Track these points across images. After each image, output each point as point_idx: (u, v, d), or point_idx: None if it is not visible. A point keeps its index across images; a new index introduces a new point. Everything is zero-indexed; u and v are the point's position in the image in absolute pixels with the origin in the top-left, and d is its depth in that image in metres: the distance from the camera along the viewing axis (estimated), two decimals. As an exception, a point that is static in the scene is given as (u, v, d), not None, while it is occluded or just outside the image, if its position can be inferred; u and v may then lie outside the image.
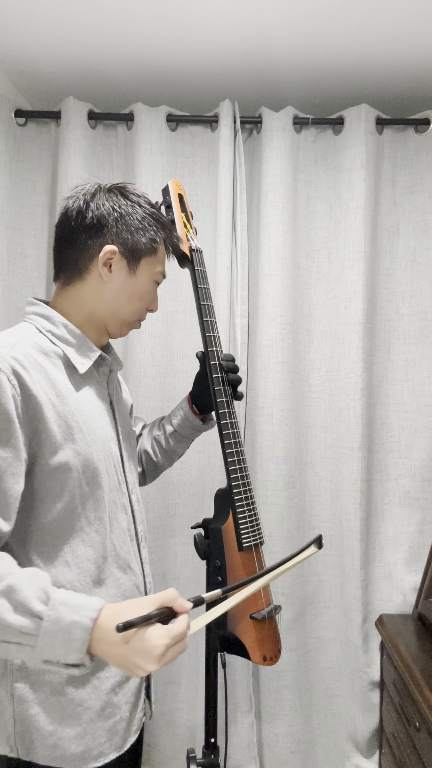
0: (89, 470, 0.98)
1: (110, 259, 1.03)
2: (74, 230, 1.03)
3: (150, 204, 1.08)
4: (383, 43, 1.68)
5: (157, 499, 1.90)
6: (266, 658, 1.13)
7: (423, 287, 1.92)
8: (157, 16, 1.57)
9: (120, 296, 1.06)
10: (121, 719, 1.01)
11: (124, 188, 1.08)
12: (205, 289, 1.21)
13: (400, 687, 1.59)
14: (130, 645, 0.78)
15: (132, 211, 1.05)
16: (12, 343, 0.93)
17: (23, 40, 1.68)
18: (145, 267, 1.07)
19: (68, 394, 0.97)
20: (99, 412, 1.05)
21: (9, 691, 0.94)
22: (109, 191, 1.06)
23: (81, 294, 1.05)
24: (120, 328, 1.11)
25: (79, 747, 0.95)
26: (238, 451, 1.15)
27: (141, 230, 1.05)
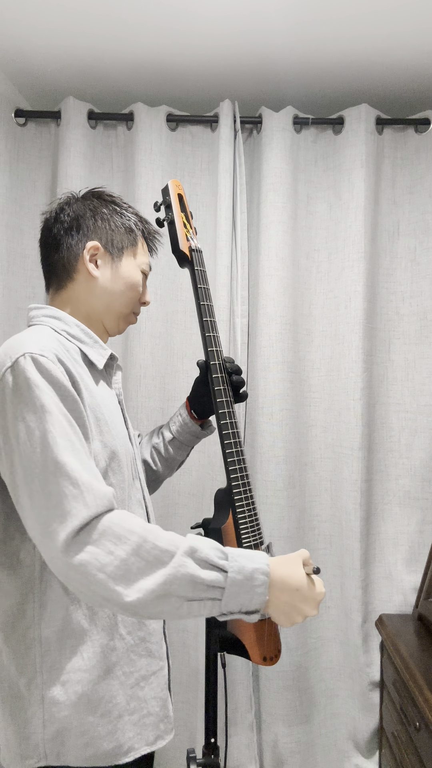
0: (115, 461, 1.00)
1: (95, 255, 1.08)
2: (56, 236, 1.09)
3: (123, 202, 1.15)
4: (383, 43, 1.68)
5: (157, 499, 1.90)
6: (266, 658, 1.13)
7: (423, 287, 1.92)
8: (158, 15, 1.57)
9: (111, 288, 1.10)
10: (149, 713, 1.02)
11: (98, 192, 1.14)
12: (204, 289, 1.21)
13: (400, 687, 1.59)
14: (300, 591, 0.88)
15: (106, 209, 1.11)
16: (46, 335, 0.95)
17: (23, 39, 1.68)
18: (129, 257, 1.12)
19: (93, 387, 1.00)
20: (114, 408, 1.07)
21: (39, 695, 0.93)
22: (83, 197, 1.13)
23: (75, 295, 1.09)
24: (117, 323, 1.14)
25: (110, 744, 0.96)
26: (238, 452, 1.15)
27: (120, 227, 1.11)
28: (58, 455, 0.83)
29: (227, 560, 0.85)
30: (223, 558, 0.85)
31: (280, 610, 0.88)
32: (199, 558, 0.84)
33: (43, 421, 0.85)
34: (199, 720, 1.86)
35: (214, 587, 0.83)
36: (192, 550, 0.84)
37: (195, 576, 0.82)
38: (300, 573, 0.90)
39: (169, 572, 0.82)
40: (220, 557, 0.85)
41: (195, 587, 0.82)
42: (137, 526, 0.85)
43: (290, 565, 0.90)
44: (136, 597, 0.81)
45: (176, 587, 0.82)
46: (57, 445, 0.84)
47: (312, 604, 0.89)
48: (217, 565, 0.84)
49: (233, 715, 1.86)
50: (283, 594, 0.87)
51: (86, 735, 0.94)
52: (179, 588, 0.82)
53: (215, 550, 0.86)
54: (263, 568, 0.86)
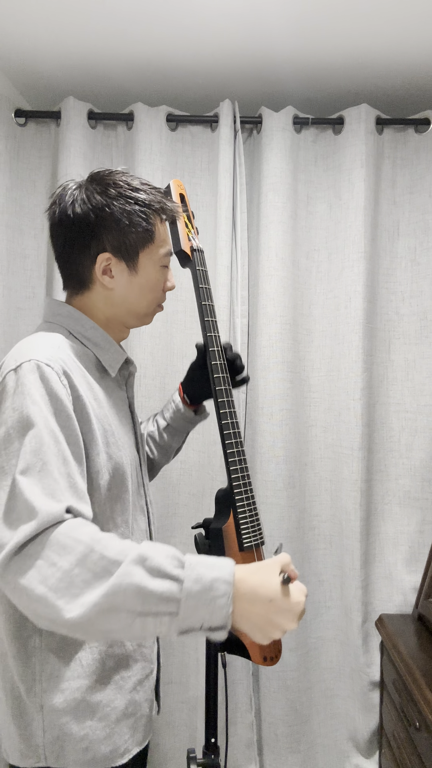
0: (119, 473, 0.99)
1: (107, 266, 1.00)
2: (64, 244, 1.01)
3: (132, 188, 1.00)
4: (383, 43, 1.68)
5: (157, 499, 1.90)
6: (266, 658, 1.13)
7: (423, 287, 1.92)
8: (158, 16, 1.57)
9: (130, 296, 1.04)
10: (142, 715, 1.03)
11: (102, 180, 1.01)
12: (206, 289, 1.21)
13: (400, 687, 1.59)
14: (273, 602, 0.77)
15: (113, 209, 0.98)
16: (55, 345, 0.93)
17: (23, 40, 1.68)
18: (146, 259, 1.03)
19: (102, 397, 0.98)
20: (125, 415, 1.06)
21: (38, 703, 0.93)
22: (86, 190, 1.00)
23: (92, 303, 1.04)
24: (141, 320, 1.10)
25: (108, 747, 0.96)
26: (238, 451, 1.15)
27: (129, 226, 0.99)
28: (19, 473, 0.79)
29: (183, 569, 0.75)
30: (178, 566, 0.75)
31: (253, 625, 0.77)
32: (150, 566, 0.74)
33: (23, 434, 0.82)
34: (199, 720, 1.86)
35: (167, 599, 0.73)
36: (142, 558, 0.75)
37: (142, 587, 0.73)
38: (274, 582, 0.79)
39: (114, 582, 0.73)
40: (175, 565, 0.75)
41: (144, 600, 0.73)
42: (86, 535, 0.77)
43: (263, 573, 0.79)
44: (78, 612, 0.72)
45: (122, 599, 0.72)
46: (24, 460, 0.80)
47: (288, 617, 0.78)
48: (170, 574, 0.74)
49: (233, 715, 1.86)
50: (254, 606, 0.77)
51: (85, 740, 0.94)
52: (126, 600, 0.73)
53: (170, 558, 0.76)
54: (225, 576, 0.75)
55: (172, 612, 0.73)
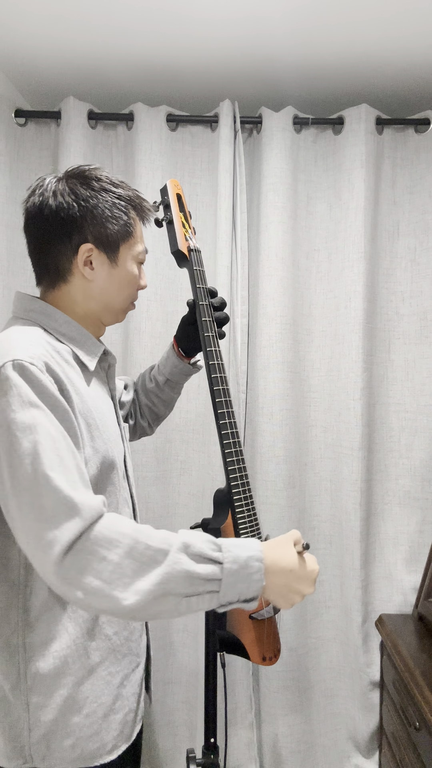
0: (105, 467, 0.99)
1: (89, 256, 1.01)
2: (43, 236, 1.00)
3: (113, 183, 1.03)
4: (383, 43, 1.68)
5: (157, 499, 1.90)
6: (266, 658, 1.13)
7: (423, 287, 1.92)
8: (158, 16, 1.57)
9: (109, 289, 1.05)
10: (130, 710, 1.03)
11: (83, 174, 1.02)
12: (203, 289, 1.21)
13: (400, 687, 1.59)
14: (293, 571, 0.89)
15: (97, 201, 1.00)
16: (34, 341, 0.92)
17: (23, 40, 1.68)
18: (126, 252, 1.05)
19: (84, 391, 0.98)
20: (108, 408, 1.06)
21: (24, 700, 0.93)
22: (68, 182, 1.01)
23: (69, 296, 1.03)
24: (116, 317, 1.11)
25: (95, 743, 0.96)
26: (237, 451, 1.15)
27: (111, 218, 1.01)
28: (48, 469, 0.81)
29: (221, 551, 0.85)
30: (216, 550, 0.85)
31: (277, 593, 0.89)
32: (193, 553, 0.83)
33: (33, 432, 0.82)
34: (199, 720, 1.86)
35: (211, 580, 0.83)
36: (185, 545, 0.83)
37: (191, 572, 0.81)
38: (291, 553, 0.90)
39: (165, 571, 0.81)
40: (213, 549, 0.85)
41: (192, 583, 0.82)
42: (128, 528, 0.84)
43: (281, 548, 0.90)
44: (134, 600, 0.79)
45: (173, 585, 0.81)
46: (47, 458, 0.81)
47: (307, 582, 0.90)
48: (211, 557, 0.84)
49: (233, 715, 1.86)
50: (278, 577, 0.88)
51: (72, 736, 0.94)
52: (176, 585, 0.81)
53: (208, 543, 0.85)
54: (257, 554, 0.86)
55: (214, 590, 0.83)
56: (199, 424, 1.93)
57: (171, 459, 1.93)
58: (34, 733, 0.93)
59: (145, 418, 1.40)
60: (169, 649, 1.92)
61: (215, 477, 1.85)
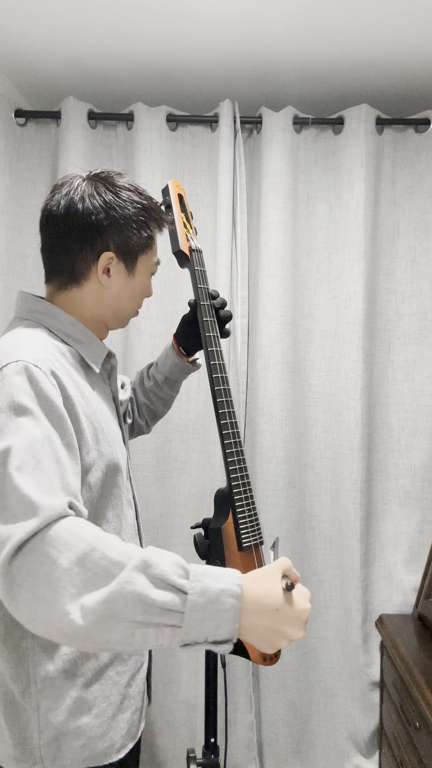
0: (110, 470, 0.99)
1: (108, 264, 1.01)
2: (66, 236, 0.99)
3: (139, 193, 1.03)
4: (383, 43, 1.68)
5: (157, 499, 1.90)
6: (266, 658, 1.13)
7: (423, 287, 1.92)
8: (158, 15, 1.57)
9: (121, 298, 1.05)
10: (136, 709, 1.03)
11: (111, 180, 1.02)
12: (204, 289, 1.21)
13: (400, 687, 1.59)
14: (278, 612, 0.74)
15: (124, 211, 1.00)
16: (40, 344, 0.91)
17: (23, 39, 1.68)
18: (143, 264, 1.06)
19: (89, 394, 0.97)
20: (111, 410, 1.06)
21: (34, 704, 0.93)
22: (96, 187, 1.00)
23: (80, 299, 1.03)
24: (121, 323, 1.12)
25: (105, 743, 0.96)
26: (237, 451, 1.15)
27: (135, 229, 1.01)
28: (14, 469, 0.76)
29: (188, 579, 0.71)
30: (183, 576, 0.71)
31: (258, 636, 0.74)
32: (153, 574, 0.70)
33: (15, 432, 0.79)
34: (199, 720, 1.86)
35: (169, 611, 0.69)
36: (145, 564, 0.71)
37: (144, 596, 0.69)
38: (277, 590, 0.76)
39: (113, 589, 0.69)
40: (180, 575, 0.71)
41: (145, 609, 0.69)
42: (88, 533, 0.73)
43: (267, 583, 0.76)
44: (78, 615, 0.68)
45: (121, 608, 0.68)
46: (18, 458, 0.77)
47: (297, 625, 0.76)
48: (174, 584, 0.70)
49: (233, 715, 1.86)
50: (260, 618, 0.73)
51: (82, 737, 0.94)
52: (126, 609, 0.68)
53: (175, 566, 0.72)
54: (232, 589, 0.72)
55: (174, 624, 0.70)
56: (199, 423, 1.93)
57: (171, 459, 1.93)
58: (45, 735, 0.93)
59: (143, 416, 1.40)
60: (169, 649, 1.92)
61: (215, 477, 1.85)
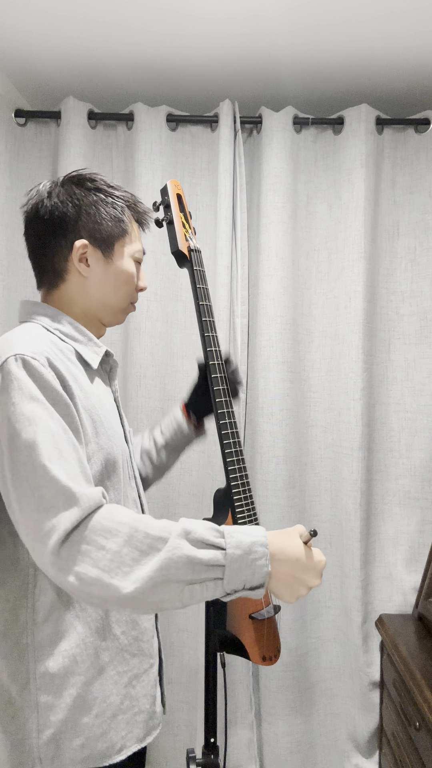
0: (110, 464, 0.99)
1: (84, 253, 1.02)
2: (40, 236, 1.03)
3: (108, 185, 1.06)
4: (383, 43, 1.68)
5: (157, 499, 1.90)
6: (266, 658, 1.13)
7: (423, 287, 1.92)
8: (158, 15, 1.57)
9: (105, 286, 1.06)
10: (140, 711, 1.02)
11: (78, 177, 1.06)
12: (203, 289, 1.21)
13: (400, 687, 1.59)
14: (299, 560, 0.86)
15: (91, 200, 1.03)
16: (36, 338, 0.93)
17: (23, 40, 1.68)
18: (121, 250, 1.06)
19: (88, 388, 0.98)
20: (112, 408, 1.06)
21: (33, 701, 0.93)
22: (63, 185, 1.04)
23: (68, 295, 1.05)
24: (115, 317, 1.11)
25: (104, 743, 0.96)
26: (237, 451, 1.15)
27: (105, 215, 1.03)
28: (46, 461, 0.82)
29: (224, 537, 0.83)
30: (219, 536, 0.83)
31: (283, 583, 0.86)
32: (193, 539, 0.81)
33: (32, 425, 0.83)
34: (199, 720, 1.86)
35: (213, 566, 0.81)
36: (186, 531, 0.82)
37: (192, 557, 0.80)
38: (298, 542, 0.88)
39: (165, 556, 0.80)
40: (215, 535, 0.83)
41: (194, 568, 0.80)
42: (127, 517, 0.83)
43: (286, 537, 0.88)
44: (133, 587, 0.78)
45: (174, 571, 0.79)
46: (45, 450, 0.82)
47: (314, 573, 0.87)
48: (213, 543, 0.82)
49: (233, 715, 1.86)
50: (284, 566, 0.86)
51: (81, 736, 0.94)
52: (177, 571, 0.79)
53: (210, 530, 0.83)
54: (261, 539, 0.84)
55: (218, 577, 0.81)
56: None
57: (171, 459, 1.93)
58: (44, 734, 0.92)
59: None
60: (169, 649, 1.92)
61: (215, 477, 1.85)
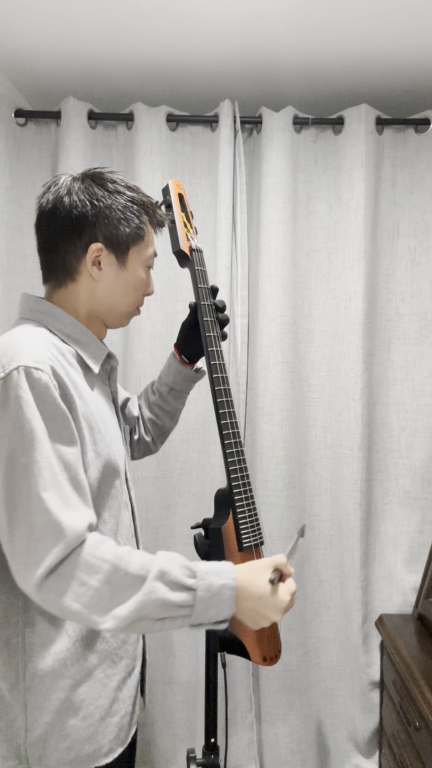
0: (107, 470, 0.99)
1: (98, 256, 1.01)
2: (55, 233, 1.00)
3: (128, 187, 1.04)
4: (383, 43, 1.68)
5: (157, 499, 1.90)
6: (266, 658, 1.13)
7: (423, 287, 1.92)
8: (158, 15, 1.57)
9: (115, 292, 1.05)
10: (126, 713, 1.03)
11: (99, 175, 1.03)
12: (205, 289, 1.20)
13: (400, 687, 1.59)
14: (261, 599, 0.92)
15: (111, 202, 1.00)
16: (40, 343, 0.92)
17: (23, 40, 1.68)
18: (135, 256, 1.05)
19: (87, 394, 0.97)
20: (110, 411, 1.06)
21: (21, 701, 0.93)
22: (83, 182, 1.01)
23: (75, 296, 1.03)
24: (119, 320, 1.10)
25: (92, 746, 0.96)
26: (238, 451, 1.15)
27: (123, 220, 1.01)
28: (41, 490, 0.84)
29: (195, 578, 0.88)
30: (191, 576, 0.88)
31: (246, 616, 0.93)
32: (168, 580, 0.86)
33: (31, 449, 0.84)
34: (199, 720, 1.86)
35: (183, 606, 0.87)
36: (161, 573, 0.86)
37: (165, 600, 0.85)
38: (262, 581, 0.93)
39: (141, 599, 0.85)
40: (188, 575, 0.88)
41: (166, 609, 0.86)
42: (109, 553, 0.87)
43: (255, 574, 0.93)
44: (111, 624, 0.84)
45: (148, 611, 0.85)
46: (42, 477, 0.84)
47: (275, 611, 0.92)
48: (185, 585, 0.87)
49: (233, 715, 1.86)
50: (247, 602, 0.91)
51: (68, 738, 0.94)
52: (151, 612, 0.85)
53: (183, 569, 0.88)
54: (230, 583, 0.89)
55: (186, 615, 0.87)
56: (199, 423, 1.93)
57: (171, 459, 1.93)
58: (31, 734, 0.93)
59: (149, 432, 1.37)
60: (169, 649, 1.92)
61: (215, 477, 1.85)
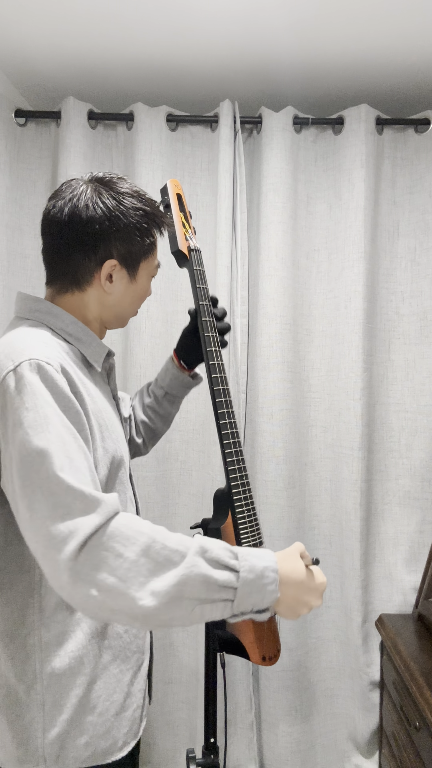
0: (114, 466, 0.99)
1: (111, 271, 1.02)
2: (68, 245, 0.99)
3: (141, 198, 1.03)
4: (383, 43, 1.68)
5: (157, 499, 1.90)
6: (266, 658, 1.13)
7: (423, 287, 1.92)
8: (158, 15, 1.57)
9: (123, 302, 1.07)
10: (138, 707, 1.04)
11: (114, 187, 1.01)
12: (203, 289, 1.21)
13: (400, 687, 1.59)
14: (303, 583, 0.90)
15: (127, 219, 1.00)
16: (46, 342, 0.92)
17: (23, 40, 1.68)
18: (144, 269, 1.07)
19: (93, 392, 0.98)
20: (112, 408, 1.07)
21: (39, 701, 0.93)
22: (99, 194, 0.99)
23: (81, 303, 1.03)
24: (121, 323, 1.13)
25: (107, 741, 0.97)
26: (237, 452, 1.15)
27: (138, 237, 1.02)
28: (58, 470, 0.80)
29: (237, 560, 0.84)
30: (233, 557, 0.84)
31: (287, 605, 0.89)
32: (210, 558, 0.82)
33: (45, 432, 0.82)
34: (199, 720, 1.87)
35: (226, 587, 0.82)
36: (203, 549, 0.82)
37: (208, 576, 0.80)
38: (301, 566, 0.91)
39: (182, 572, 0.79)
40: (230, 557, 0.83)
41: (208, 588, 0.80)
42: (145, 526, 0.83)
43: (291, 560, 0.91)
44: (150, 601, 0.77)
45: (189, 588, 0.79)
46: (57, 459, 0.81)
47: (315, 595, 0.91)
48: (228, 564, 0.82)
49: (233, 715, 1.86)
50: (290, 589, 0.88)
51: (86, 735, 0.94)
52: (192, 589, 0.79)
53: (225, 550, 0.84)
54: (273, 565, 0.86)
55: (229, 599, 0.82)
56: (199, 424, 1.93)
57: (171, 459, 1.93)
58: (49, 734, 0.93)
59: (140, 434, 1.37)
60: (169, 649, 1.92)
61: (215, 477, 1.85)
